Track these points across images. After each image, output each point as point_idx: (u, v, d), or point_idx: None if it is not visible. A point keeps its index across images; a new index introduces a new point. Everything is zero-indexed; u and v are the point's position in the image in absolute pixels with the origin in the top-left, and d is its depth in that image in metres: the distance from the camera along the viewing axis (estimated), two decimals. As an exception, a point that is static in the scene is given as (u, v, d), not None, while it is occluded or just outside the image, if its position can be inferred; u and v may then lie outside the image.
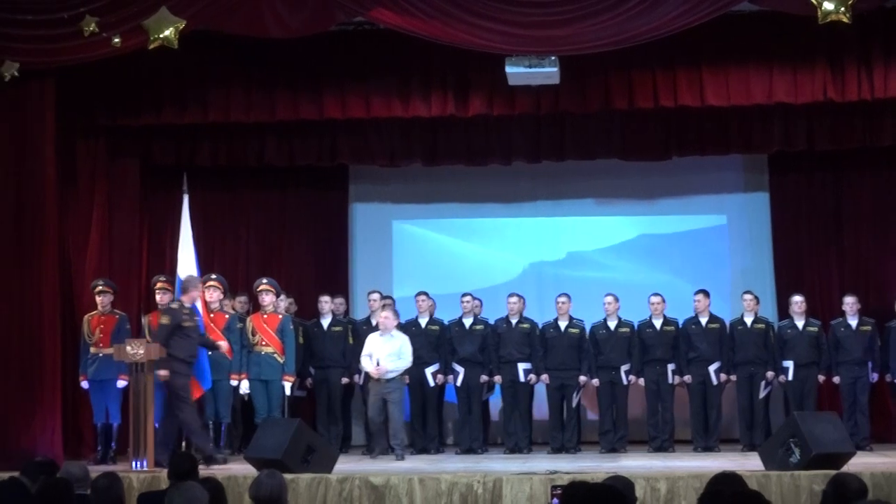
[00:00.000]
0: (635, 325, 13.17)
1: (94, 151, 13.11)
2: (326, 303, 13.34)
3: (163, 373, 11.02)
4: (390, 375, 12.29)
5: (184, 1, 11.16)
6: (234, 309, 12.79)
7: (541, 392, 13.43)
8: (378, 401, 12.33)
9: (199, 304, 11.70)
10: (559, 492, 6.19)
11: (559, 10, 11.20)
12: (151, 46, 11.14)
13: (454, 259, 14.99)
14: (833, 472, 8.31)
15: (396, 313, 12.83)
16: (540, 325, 13.24)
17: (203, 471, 7.84)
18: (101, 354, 12.08)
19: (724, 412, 13.21)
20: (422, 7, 11.22)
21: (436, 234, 15.25)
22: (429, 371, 13.16)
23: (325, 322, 13.27)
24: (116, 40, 11.19)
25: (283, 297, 12.75)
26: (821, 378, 12.92)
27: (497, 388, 13.38)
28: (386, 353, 12.35)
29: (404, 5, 11.21)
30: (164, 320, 11.30)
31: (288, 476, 7.64)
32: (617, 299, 13.15)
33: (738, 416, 13.21)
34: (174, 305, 11.46)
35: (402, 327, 12.94)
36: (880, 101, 12.21)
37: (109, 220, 13.18)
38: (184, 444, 11.97)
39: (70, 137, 12.78)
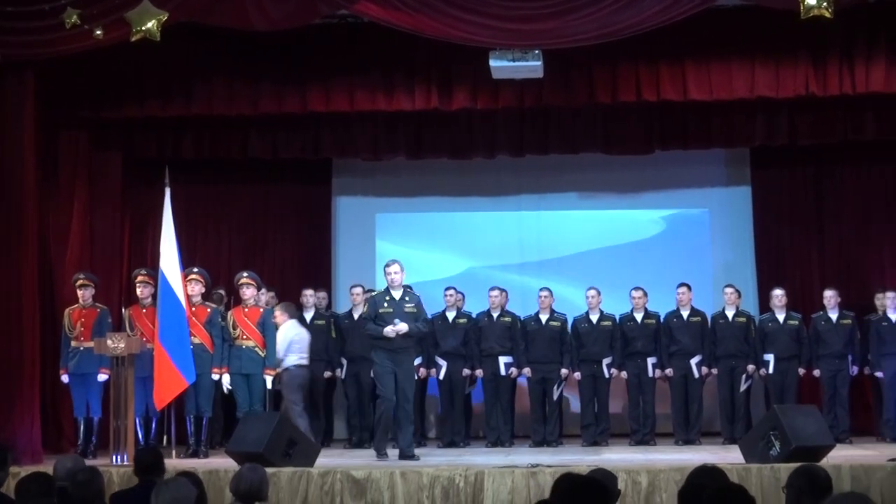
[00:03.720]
0: (617, 318, 13.16)
1: (76, 144, 13.05)
2: (311, 296, 13.31)
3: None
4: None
5: (167, -8, 11.10)
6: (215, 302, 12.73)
7: (523, 385, 13.41)
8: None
9: (181, 297, 11.59)
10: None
11: (543, 4, 11.17)
12: (134, 39, 11.02)
13: (437, 252, 14.98)
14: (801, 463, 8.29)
15: None
16: (522, 319, 13.23)
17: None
18: (81, 348, 12.02)
19: (705, 405, 13.20)
20: (406, 0, 11.17)
21: (419, 227, 15.22)
22: (412, 364, 13.13)
23: (309, 316, 13.20)
24: (98, 32, 11.06)
25: (264, 290, 12.68)
26: (801, 371, 12.95)
27: (479, 382, 13.34)
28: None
29: (389, -2, 11.18)
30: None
31: (269, 470, 7.61)
32: (599, 293, 13.14)
33: (719, 410, 13.22)
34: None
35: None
36: (862, 95, 12.24)
37: (91, 213, 13.13)
38: (164, 438, 11.98)
39: (51, 130, 12.70)
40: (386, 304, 11.34)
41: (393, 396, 11.22)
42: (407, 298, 11.37)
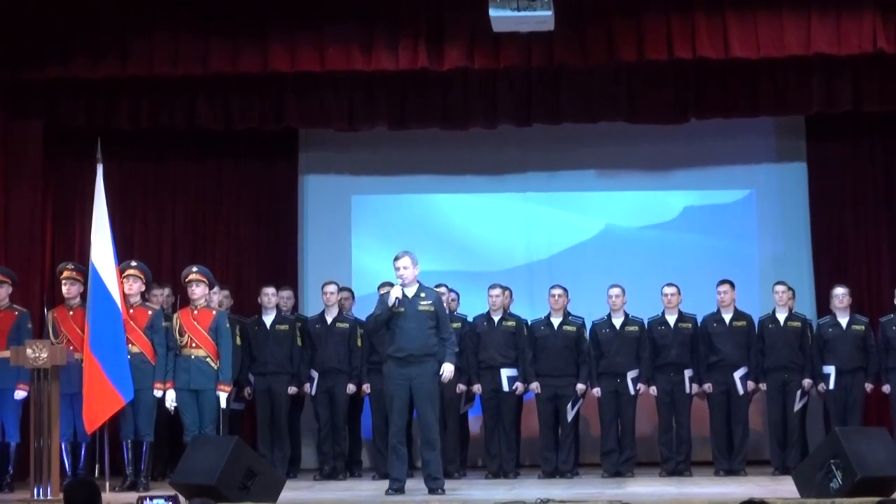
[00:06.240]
0: (645, 322, 13.14)
1: (-10, 112, 13.09)
2: (272, 296, 13.27)
3: None
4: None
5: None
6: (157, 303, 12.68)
7: (530, 404, 13.36)
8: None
9: (117, 297, 11.51)
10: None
11: (545, -58, 11.19)
12: (58, -17, 11.03)
13: (425, 243, 14.80)
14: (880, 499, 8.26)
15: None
16: (529, 323, 13.20)
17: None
18: (-4, 359, 11.95)
19: (751, 428, 13.29)
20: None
21: (403, 212, 15.24)
22: (396, 379, 13.06)
23: (269, 319, 13.19)
24: (15, -24, 11.04)
25: (217, 289, 12.66)
26: (868, 387, 12.92)
27: (477, 400, 13.31)
28: None
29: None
30: None
31: (222, 508, 7.55)
32: (624, 292, 13.12)
33: (768, 433, 13.28)
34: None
35: (363, 325, 12.88)
36: (943, 52, 12.26)
37: (6, 194, 13.17)
38: (95, 467, 11.88)
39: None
40: (397, 303, 11.17)
41: (400, 420, 11.18)
42: (422, 295, 11.25)
